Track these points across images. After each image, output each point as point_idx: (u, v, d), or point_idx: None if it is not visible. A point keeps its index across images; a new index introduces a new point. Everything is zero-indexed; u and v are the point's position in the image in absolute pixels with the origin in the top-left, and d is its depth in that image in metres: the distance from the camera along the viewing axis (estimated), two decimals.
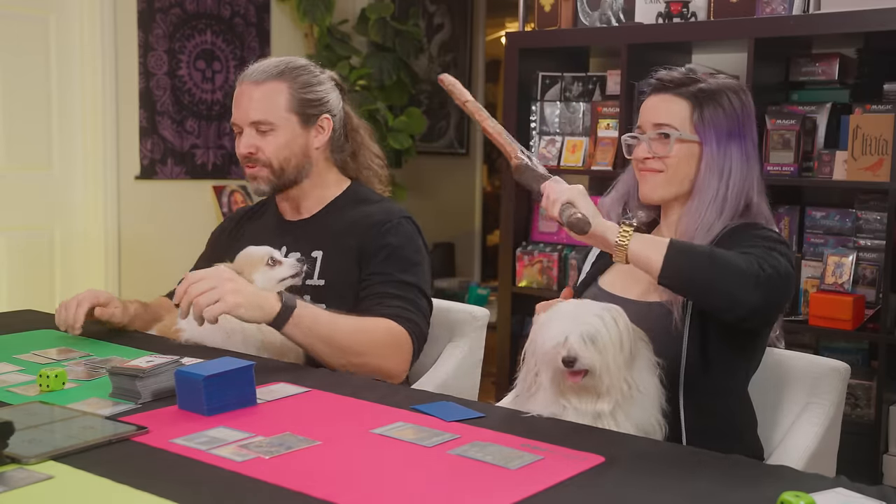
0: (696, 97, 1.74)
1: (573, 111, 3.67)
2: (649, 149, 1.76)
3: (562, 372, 1.46)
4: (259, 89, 2.02)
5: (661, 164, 1.75)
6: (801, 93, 3.29)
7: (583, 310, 1.50)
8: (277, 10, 4.61)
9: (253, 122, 2.02)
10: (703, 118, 1.72)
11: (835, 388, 1.80)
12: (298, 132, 2.04)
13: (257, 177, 2.06)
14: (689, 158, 1.74)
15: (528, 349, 1.54)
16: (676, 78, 1.77)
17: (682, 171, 1.75)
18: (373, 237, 2.00)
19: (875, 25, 2.87)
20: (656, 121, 1.75)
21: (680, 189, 1.77)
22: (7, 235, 3.79)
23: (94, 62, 3.92)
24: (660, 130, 1.75)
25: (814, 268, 3.09)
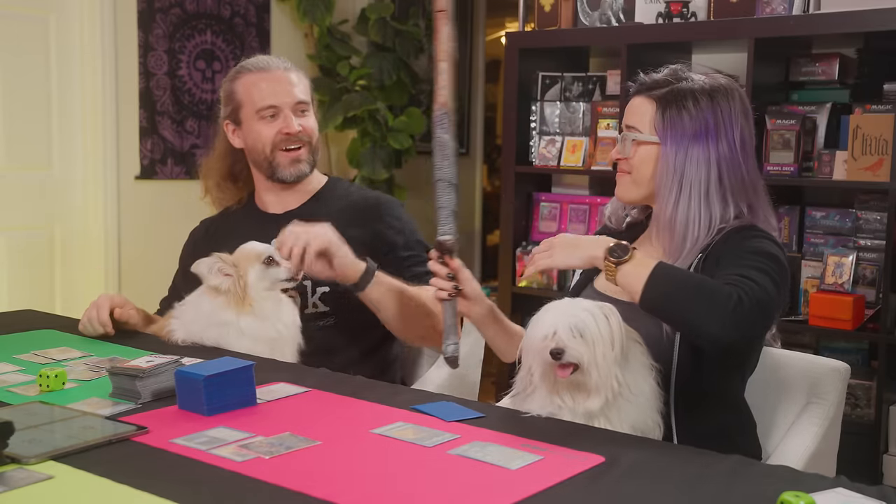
0: (663, 99, 1.72)
1: (573, 111, 3.67)
2: (621, 150, 1.78)
3: (551, 366, 1.46)
4: (293, 74, 2.17)
5: (628, 166, 1.77)
6: (801, 93, 3.29)
7: (574, 305, 1.50)
8: (277, 10, 4.61)
9: (299, 102, 2.15)
10: (663, 119, 1.71)
11: (835, 388, 1.80)
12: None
13: (301, 159, 2.16)
14: (651, 160, 1.74)
15: (524, 346, 1.54)
16: (656, 79, 1.77)
17: (643, 173, 1.75)
18: (382, 222, 2.12)
19: (875, 25, 2.87)
20: (627, 122, 1.78)
21: (646, 191, 1.77)
22: (7, 235, 3.78)
23: (94, 62, 3.91)
24: (627, 133, 1.77)
25: (814, 268, 3.09)
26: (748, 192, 1.72)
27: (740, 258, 1.59)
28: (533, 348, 1.49)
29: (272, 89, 2.13)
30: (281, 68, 2.16)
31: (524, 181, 3.76)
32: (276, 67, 2.16)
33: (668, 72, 1.78)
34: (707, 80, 1.74)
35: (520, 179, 3.73)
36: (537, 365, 1.49)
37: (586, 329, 1.46)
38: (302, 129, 2.14)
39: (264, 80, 2.14)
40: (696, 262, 1.69)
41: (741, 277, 1.52)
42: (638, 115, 1.76)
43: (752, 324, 1.51)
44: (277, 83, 2.14)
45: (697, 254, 1.69)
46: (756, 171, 1.75)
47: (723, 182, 1.70)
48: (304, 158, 2.16)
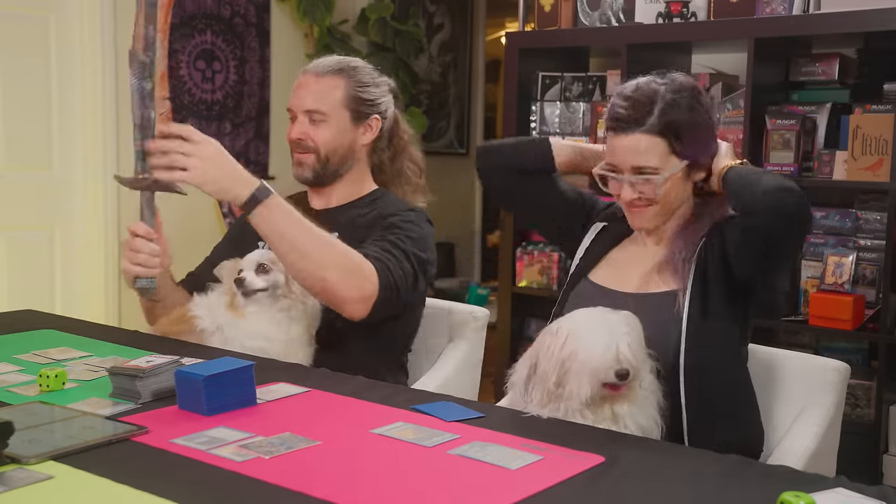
0: (665, 130, 1.69)
1: (573, 111, 3.67)
2: (634, 192, 1.74)
3: (604, 385, 1.46)
4: (319, 81, 2.11)
5: (649, 201, 1.75)
6: (801, 93, 3.29)
7: (609, 319, 1.49)
8: (277, 10, 4.61)
9: (308, 111, 2.10)
10: (682, 143, 1.70)
11: (835, 388, 1.80)
12: (348, 127, 2.12)
13: (303, 163, 2.13)
14: (678, 182, 1.75)
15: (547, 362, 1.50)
16: (634, 113, 1.70)
17: (673, 197, 1.76)
18: (386, 220, 2.04)
19: (875, 25, 2.87)
20: (634, 164, 1.72)
21: (670, 212, 1.79)
22: (7, 235, 3.78)
23: (94, 62, 3.91)
24: (642, 175, 1.72)
25: (814, 268, 3.09)
26: None
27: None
28: (591, 369, 1.46)
29: (296, 92, 2.13)
30: (316, 72, 2.12)
31: None
32: (312, 73, 2.12)
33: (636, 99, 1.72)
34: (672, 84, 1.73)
35: None
36: (589, 386, 1.46)
37: (635, 344, 1.48)
38: (303, 138, 2.10)
39: (298, 82, 2.14)
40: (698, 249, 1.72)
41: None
42: (645, 154, 1.70)
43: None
44: (301, 87, 2.12)
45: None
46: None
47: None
48: (308, 164, 2.11)
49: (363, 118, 2.13)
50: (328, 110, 2.09)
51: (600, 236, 1.91)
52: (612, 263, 1.85)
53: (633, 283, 1.78)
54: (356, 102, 2.11)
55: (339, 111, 2.10)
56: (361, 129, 2.14)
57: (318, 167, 2.12)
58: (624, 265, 1.83)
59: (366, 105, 2.13)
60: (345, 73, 2.12)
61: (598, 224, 1.93)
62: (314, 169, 2.12)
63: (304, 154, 2.12)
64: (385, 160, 2.22)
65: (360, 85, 2.13)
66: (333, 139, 2.11)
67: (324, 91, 2.10)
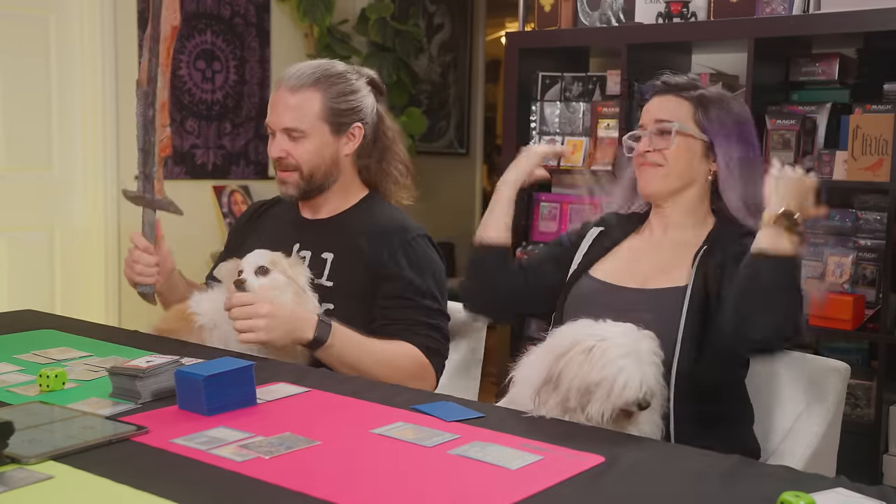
0: (699, 100, 1.80)
1: (573, 111, 3.67)
2: (650, 143, 1.81)
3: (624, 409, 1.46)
4: (294, 97, 2.04)
5: (661, 158, 1.79)
6: (801, 93, 3.29)
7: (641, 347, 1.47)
8: (277, 10, 4.61)
9: (285, 129, 2.05)
10: (707, 117, 1.78)
11: (835, 388, 1.80)
12: (329, 140, 2.07)
13: (287, 181, 2.09)
14: (689, 153, 1.79)
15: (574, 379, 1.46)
16: (680, 82, 1.83)
17: (680, 165, 1.79)
18: (390, 251, 2.02)
19: (875, 25, 2.87)
20: (658, 117, 1.81)
21: (677, 184, 1.81)
22: (7, 235, 3.78)
23: (94, 62, 3.91)
24: (661, 126, 1.80)
25: (814, 268, 3.09)
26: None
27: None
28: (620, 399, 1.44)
29: (272, 109, 2.07)
30: (290, 86, 2.03)
31: None
32: (286, 86, 2.04)
33: (686, 77, 1.86)
34: (725, 92, 1.85)
35: None
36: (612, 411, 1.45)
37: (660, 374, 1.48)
38: (285, 156, 2.05)
39: (275, 97, 2.07)
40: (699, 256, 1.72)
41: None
42: (670, 111, 1.81)
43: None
44: (277, 103, 2.05)
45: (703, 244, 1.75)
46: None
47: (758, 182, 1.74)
48: (292, 182, 2.07)
49: (344, 128, 2.07)
50: (306, 127, 2.03)
51: (599, 240, 1.91)
52: (616, 258, 1.87)
53: (637, 279, 1.79)
54: (335, 114, 2.05)
55: (317, 126, 2.04)
56: (343, 139, 2.08)
57: (302, 184, 2.07)
58: (629, 260, 1.85)
59: (345, 115, 2.07)
60: (320, 83, 2.04)
61: (594, 229, 1.94)
62: (298, 186, 2.08)
63: (287, 173, 2.07)
64: (371, 162, 2.16)
65: (338, 96, 2.06)
66: (315, 155, 2.05)
67: (300, 107, 2.03)
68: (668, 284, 1.74)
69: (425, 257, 2.06)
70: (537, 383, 1.50)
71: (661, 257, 1.81)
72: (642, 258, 1.83)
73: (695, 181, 1.82)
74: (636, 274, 1.80)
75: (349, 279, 2.02)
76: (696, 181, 1.82)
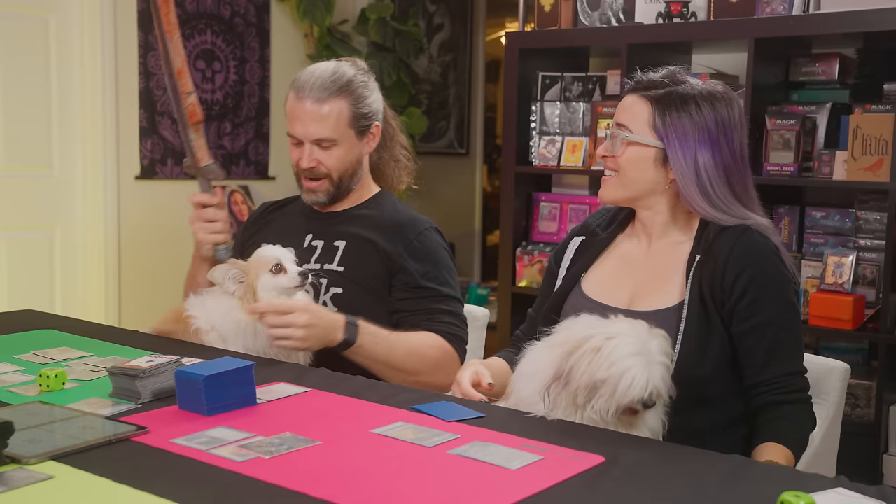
0: (660, 101, 1.71)
1: (573, 111, 3.67)
2: (608, 147, 1.77)
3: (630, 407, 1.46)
4: (322, 108, 2.06)
5: (615, 164, 1.75)
6: (801, 93, 3.29)
7: (649, 347, 1.46)
8: (277, 10, 4.61)
9: (317, 140, 2.08)
10: (664, 122, 1.70)
11: (835, 388, 1.80)
12: (355, 144, 2.12)
13: (317, 190, 2.13)
14: (642, 162, 1.73)
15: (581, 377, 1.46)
16: (653, 80, 1.75)
17: (632, 174, 1.74)
18: (404, 244, 2.08)
19: (875, 25, 2.87)
20: (619, 120, 1.76)
21: (631, 192, 1.76)
22: (7, 235, 3.78)
23: (94, 62, 3.91)
24: (617, 130, 1.75)
25: (814, 268, 3.09)
26: (749, 199, 1.74)
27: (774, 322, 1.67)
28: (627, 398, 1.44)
29: (297, 119, 2.08)
30: (316, 98, 2.05)
31: (524, 181, 3.76)
32: (310, 96, 2.05)
33: (666, 73, 1.76)
34: (705, 86, 1.74)
35: (520, 179, 3.73)
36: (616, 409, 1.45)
37: (668, 374, 1.47)
38: (316, 165, 2.09)
39: (297, 107, 2.08)
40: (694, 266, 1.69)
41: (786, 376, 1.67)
42: (630, 115, 1.74)
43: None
44: (304, 116, 2.06)
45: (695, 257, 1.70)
46: (751, 181, 1.77)
47: (733, 189, 1.71)
48: (321, 190, 2.12)
49: (366, 130, 2.13)
50: (338, 136, 2.08)
51: (582, 249, 1.89)
52: (602, 272, 1.83)
53: (622, 299, 1.75)
54: (359, 119, 2.10)
55: (346, 133, 2.09)
56: (365, 140, 2.15)
57: (332, 190, 2.13)
58: (618, 272, 1.80)
59: (367, 118, 2.12)
60: (343, 92, 2.07)
61: (576, 238, 1.91)
62: (328, 192, 2.13)
63: (317, 182, 2.12)
64: (382, 155, 2.25)
65: (360, 100, 2.10)
66: (344, 161, 2.11)
67: (329, 117, 2.06)
68: (660, 305, 1.70)
69: (437, 248, 2.13)
70: (547, 381, 1.50)
71: (650, 270, 1.77)
72: (632, 270, 1.79)
73: (654, 189, 1.75)
74: (625, 292, 1.76)
75: (360, 265, 2.08)
76: (655, 189, 1.75)
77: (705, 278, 1.68)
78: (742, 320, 1.66)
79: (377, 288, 2.08)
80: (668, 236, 1.78)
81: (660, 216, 1.78)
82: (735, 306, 1.66)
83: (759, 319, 1.65)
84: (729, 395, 1.69)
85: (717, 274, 1.67)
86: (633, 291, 1.76)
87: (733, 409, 1.70)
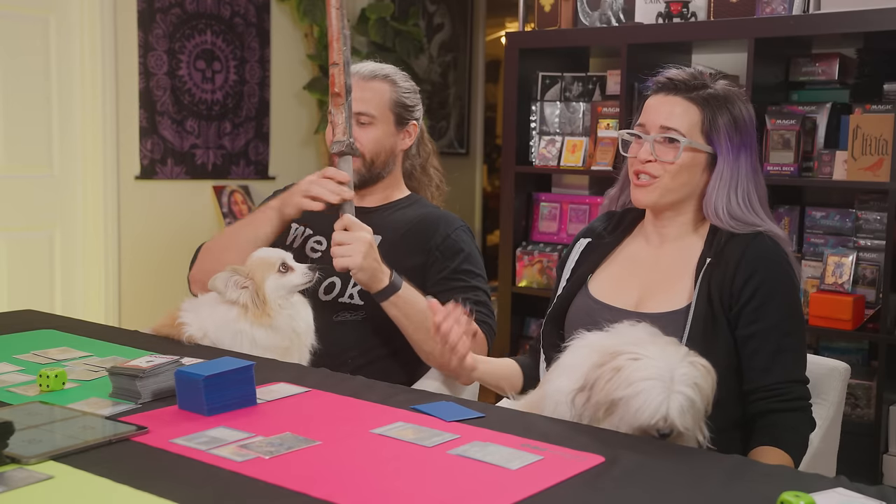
0: (707, 103, 1.68)
1: (573, 111, 3.67)
2: (652, 151, 1.70)
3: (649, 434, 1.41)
4: (367, 84, 2.15)
5: (661, 170, 1.70)
6: (801, 93, 3.29)
7: (678, 373, 1.38)
8: (277, 10, 4.61)
9: (357, 113, 2.11)
10: (716, 126, 1.68)
11: (835, 388, 1.80)
12: (392, 130, 2.18)
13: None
14: (693, 167, 1.71)
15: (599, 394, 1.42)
16: (686, 79, 1.71)
17: (681, 179, 1.71)
18: (436, 241, 2.13)
19: (875, 25, 2.87)
20: (664, 123, 1.69)
21: (676, 196, 1.73)
22: (7, 235, 3.79)
23: (94, 62, 3.92)
24: (667, 135, 1.69)
25: (814, 268, 3.09)
26: (764, 202, 1.76)
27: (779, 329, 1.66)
28: (636, 423, 1.39)
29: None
30: (359, 77, 2.13)
31: (524, 181, 3.76)
32: (357, 77, 2.12)
33: (694, 73, 1.73)
34: (730, 87, 1.73)
35: (520, 179, 3.73)
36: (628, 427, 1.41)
37: (693, 406, 1.38)
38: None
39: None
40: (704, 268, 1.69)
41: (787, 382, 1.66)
42: (677, 118, 1.69)
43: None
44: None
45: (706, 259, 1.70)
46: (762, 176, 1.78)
47: (758, 188, 1.72)
48: (354, 168, 2.10)
49: (404, 123, 2.20)
50: (377, 113, 2.14)
51: (587, 252, 1.88)
52: (609, 273, 1.82)
53: (630, 300, 1.74)
54: (400, 107, 2.18)
55: (385, 114, 2.16)
56: (402, 134, 2.20)
57: (363, 170, 2.16)
58: (625, 274, 1.80)
59: (408, 111, 2.19)
60: (389, 78, 2.17)
61: (581, 240, 1.91)
62: (359, 172, 2.14)
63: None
64: (416, 165, 2.30)
65: (404, 91, 2.19)
66: (379, 141, 2.16)
67: (372, 93, 2.14)
68: (667, 307, 1.69)
69: (468, 245, 2.18)
70: (575, 387, 1.47)
71: (658, 271, 1.76)
72: (639, 272, 1.78)
73: (693, 194, 1.74)
74: (633, 293, 1.75)
75: (393, 261, 2.07)
76: (693, 194, 1.74)
77: (714, 281, 1.67)
78: (748, 323, 1.65)
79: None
80: (675, 240, 1.78)
81: (682, 217, 1.77)
82: (742, 309, 1.66)
83: (765, 324, 1.64)
84: (731, 399, 1.69)
85: (727, 276, 1.67)
86: (640, 293, 1.75)
87: (734, 412, 1.69)
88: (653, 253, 1.80)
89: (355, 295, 2.10)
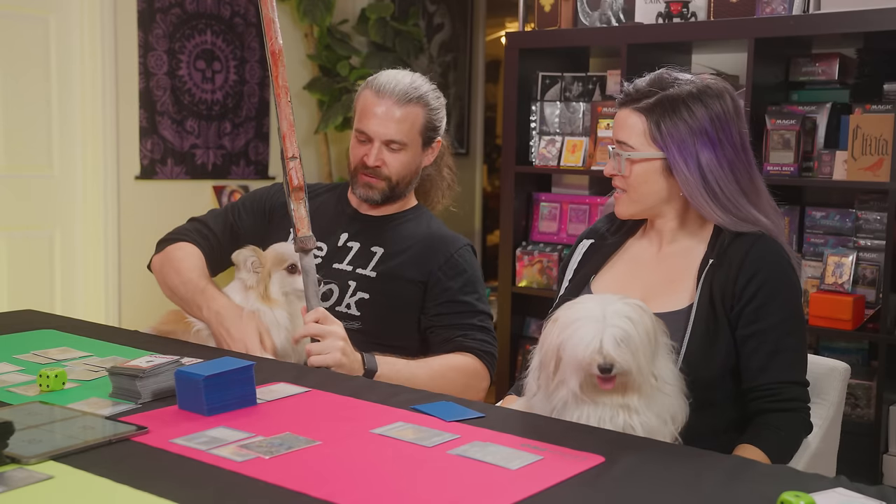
0: (652, 110, 1.70)
1: (573, 111, 3.67)
2: (615, 166, 1.76)
3: (594, 377, 1.44)
4: (401, 110, 2.12)
5: (624, 183, 1.75)
6: (801, 93, 3.29)
7: (609, 309, 1.45)
8: (277, 10, 4.61)
9: (389, 141, 2.11)
10: (660, 131, 1.69)
11: (835, 388, 1.80)
12: (419, 153, 2.19)
13: (374, 187, 2.15)
14: (651, 174, 1.72)
15: (546, 351, 1.49)
16: (641, 88, 1.73)
17: (643, 189, 1.73)
18: (439, 264, 2.12)
19: (875, 25, 2.87)
20: (617, 137, 1.75)
21: (645, 206, 1.76)
22: (7, 235, 3.79)
23: (94, 62, 3.92)
24: (619, 149, 1.75)
25: (814, 268, 3.09)
26: (756, 192, 1.74)
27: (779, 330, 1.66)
28: (575, 361, 1.44)
29: (371, 116, 2.11)
30: (395, 100, 2.10)
31: (524, 181, 3.76)
32: (390, 97, 2.10)
33: (653, 79, 1.74)
34: (695, 82, 1.72)
35: (520, 179, 3.73)
36: (577, 376, 1.45)
37: (629, 338, 1.43)
38: (381, 165, 2.12)
39: (373, 105, 2.11)
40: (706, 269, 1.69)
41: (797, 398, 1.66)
42: (627, 131, 1.73)
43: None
44: (381, 115, 2.10)
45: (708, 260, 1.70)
46: (756, 170, 1.76)
47: (740, 184, 1.71)
48: (378, 188, 2.14)
49: (430, 142, 2.20)
50: (408, 140, 2.13)
51: (590, 252, 1.88)
52: (615, 271, 1.83)
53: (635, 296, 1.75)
54: (429, 130, 2.17)
55: (416, 140, 2.15)
56: (427, 152, 2.20)
57: (387, 192, 2.16)
58: (628, 274, 1.81)
59: (434, 131, 2.19)
60: (422, 100, 2.14)
61: (584, 241, 1.91)
62: (383, 193, 2.15)
63: (377, 180, 2.14)
64: (431, 169, 2.28)
65: (433, 112, 2.17)
66: (407, 167, 2.16)
67: (406, 122, 2.12)
68: (669, 308, 1.70)
69: (471, 267, 2.17)
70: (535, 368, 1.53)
71: (661, 272, 1.77)
72: (642, 273, 1.79)
73: (668, 197, 1.75)
74: (635, 294, 1.74)
75: (395, 275, 2.10)
76: (669, 197, 1.75)
77: (717, 281, 1.68)
78: (748, 323, 1.66)
79: (408, 299, 2.11)
80: (677, 241, 1.79)
81: (670, 222, 1.78)
82: (743, 309, 1.66)
83: (765, 324, 1.65)
84: (731, 400, 1.69)
85: (729, 277, 1.68)
86: (643, 294, 1.75)
87: (734, 413, 1.69)
88: (655, 254, 1.80)
89: (352, 305, 2.11)
